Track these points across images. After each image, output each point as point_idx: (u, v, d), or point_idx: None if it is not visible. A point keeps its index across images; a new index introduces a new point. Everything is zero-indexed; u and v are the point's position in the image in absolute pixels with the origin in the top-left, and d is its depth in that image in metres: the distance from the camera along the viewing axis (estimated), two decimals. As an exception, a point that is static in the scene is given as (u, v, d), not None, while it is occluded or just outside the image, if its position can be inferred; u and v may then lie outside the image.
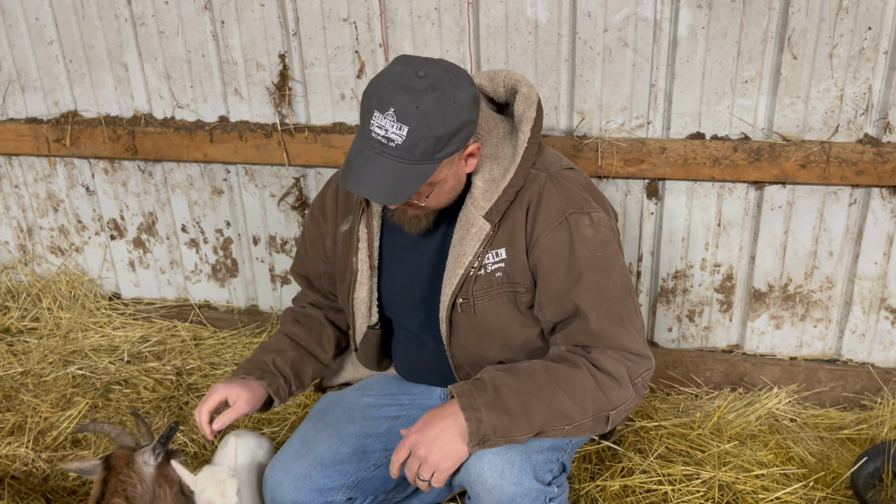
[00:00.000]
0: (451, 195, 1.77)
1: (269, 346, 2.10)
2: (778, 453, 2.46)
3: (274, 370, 2.00)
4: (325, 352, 2.16)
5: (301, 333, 2.13)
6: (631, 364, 1.74)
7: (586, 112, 2.57)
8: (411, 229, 1.81)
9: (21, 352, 3.20)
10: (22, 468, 2.54)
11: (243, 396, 1.88)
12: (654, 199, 2.64)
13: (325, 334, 2.16)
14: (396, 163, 1.57)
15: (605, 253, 1.74)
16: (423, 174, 1.59)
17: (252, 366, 2.01)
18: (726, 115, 2.45)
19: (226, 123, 2.95)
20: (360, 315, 2.00)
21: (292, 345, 2.10)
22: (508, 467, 1.72)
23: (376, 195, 1.61)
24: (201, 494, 1.79)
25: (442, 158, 1.60)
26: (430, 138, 1.56)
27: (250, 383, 1.94)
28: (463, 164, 1.72)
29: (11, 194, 3.40)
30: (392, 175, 1.58)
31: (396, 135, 1.55)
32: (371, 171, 1.59)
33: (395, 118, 1.54)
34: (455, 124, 1.58)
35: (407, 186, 1.59)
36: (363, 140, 1.61)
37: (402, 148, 1.56)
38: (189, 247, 3.29)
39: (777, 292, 2.66)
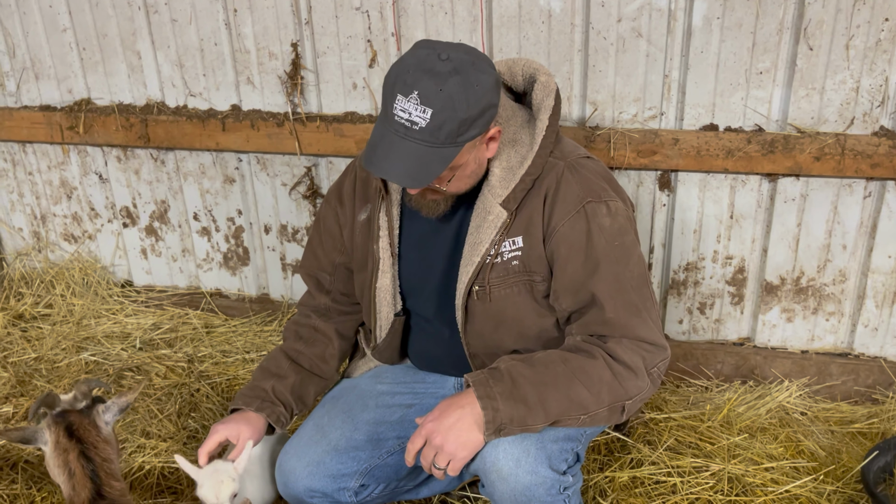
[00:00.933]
0: (472, 180, 1.76)
1: (268, 369, 2.05)
2: (788, 446, 2.46)
3: (273, 398, 1.98)
4: (328, 367, 2.13)
5: (304, 350, 2.10)
6: (647, 354, 1.74)
7: (599, 103, 2.56)
8: (429, 214, 1.80)
9: (35, 338, 3.23)
10: (35, 453, 2.56)
11: (245, 433, 1.88)
12: (667, 191, 2.63)
13: (329, 350, 2.12)
14: (420, 146, 1.57)
15: (622, 242, 1.74)
16: (447, 157, 1.59)
17: (252, 394, 1.98)
18: (740, 106, 2.44)
19: (238, 112, 2.95)
20: (385, 304, 1.98)
21: (293, 367, 2.06)
22: (524, 456, 1.73)
23: (400, 178, 1.60)
24: (199, 489, 1.79)
25: (465, 142, 1.60)
26: (454, 121, 1.56)
27: (249, 416, 1.93)
28: (484, 148, 1.72)
29: (25, 181, 3.42)
30: (416, 159, 1.58)
31: (420, 118, 1.55)
32: (395, 154, 1.58)
33: (418, 101, 1.54)
34: (478, 107, 1.58)
35: (431, 170, 1.59)
36: (385, 124, 1.60)
37: (426, 131, 1.56)
38: (201, 235, 3.30)
39: (789, 285, 2.65)
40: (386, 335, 2.04)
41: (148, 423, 2.67)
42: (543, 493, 1.75)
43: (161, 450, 2.54)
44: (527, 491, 1.74)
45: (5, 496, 2.37)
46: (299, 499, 2.00)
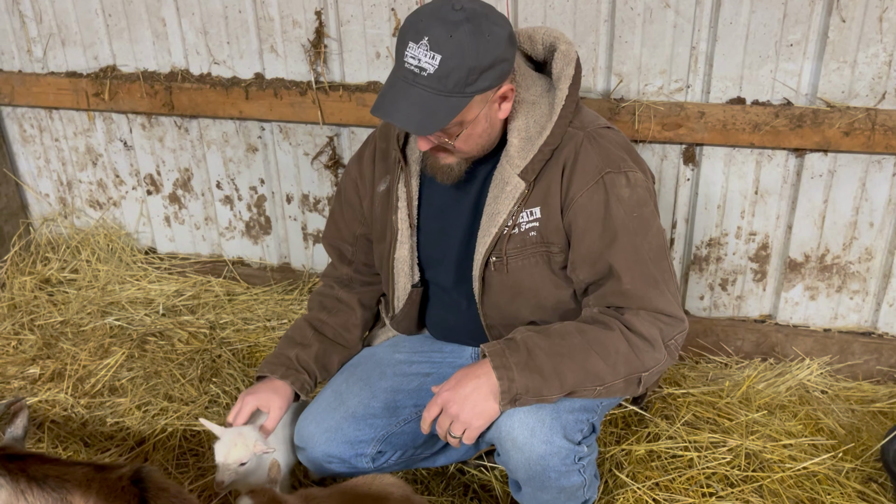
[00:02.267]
0: (484, 142, 1.75)
1: (293, 338, 2.10)
2: (807, 424, 2.44)
3: (297, 366, 2.03)
4: (352, 336, 2.17)
5: (327, 320, 2.13)
6: (664, 326, 1.73)
7: (624, 74, 2.53)
8: (443, 179, 1.80)
9: (61, 302, 3.29)
10: (62, 413, 2.62)
11: (274, 402, 1.94)
12: (691, 165, 2.60)
13: (352, 319, 2.16)
14: (428, 93, 1.57)
15: (641, 214, 1.72)
16: (454, 107, 1.59)
17: (276, 362, 2.03)
18: (769, 79, 2.39)
19: (261, 80, 2.96)
20: (403, 274, 1.99)
21: (317, 336, 2.11)
22: (539, 426, 1.73)
23: (406, 124, 1.60)
24: (216, 447, 1.84)
25: (474, 93, 1.60)
26: (462, 69, 1.55)
27: (275, 385, 1.98)
28: (496, 108, 1.70)
29: (52, 148, 3.46)
30: (423, 105, 1.58)
31: (429, 64, 1.55)
32: (402, 101, 1.59)
33: (428, 47, 1.54)
34: (489, 58, 1.57)
35: (437, 118, 1.59)
36: (396, 71, 1.61)
37: (434, 77, 1.56)
38: (223, 203, 3.32)
39: (813, 263, 2.62)
40: (403, 306, 2.06)
41: (171, 387, 2.72)
42: (558, 463, 1.76)
43: (183, 413, 2.59)
44: (541, 460, 1.75)
45: (32, 454, 2.43)
46: (318, 464, 2.03)
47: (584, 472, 1.85)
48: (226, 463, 1.80)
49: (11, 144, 3.50)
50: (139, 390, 2.70)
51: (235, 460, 1.81)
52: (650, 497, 2.19)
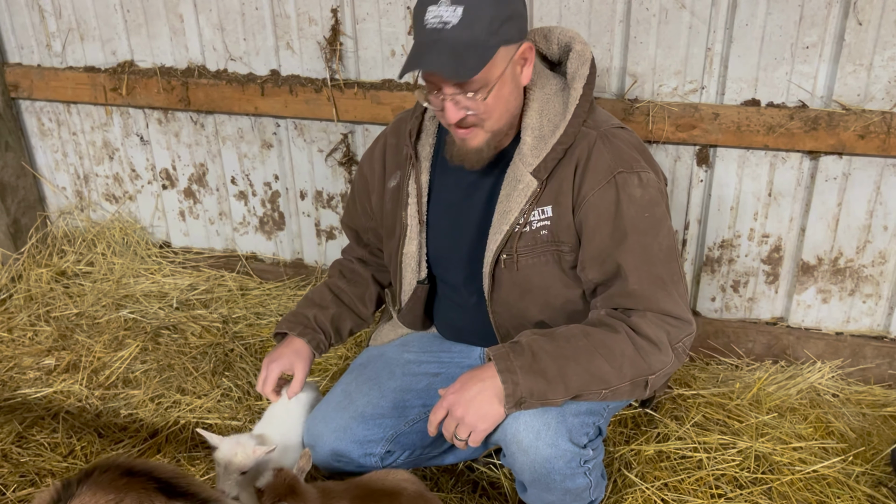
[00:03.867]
0: (510, 108, 1.73)
1: (312, 299, 2.18)
2: (818, 427, 2.44)
3: (315, 325, 2.10)
4: (366, 308, 2.24)
5: (346, 288, 2.21)
6: (671, 328, 1.73)
7: (639, 75, 2.53)
8: (473, 165, 1.78)
9: (76, 294, 3.32)
10: (76, 404, 2.65)
11: (298, 365, 2.04)
12: (704, 167, 2.60)
13: (368, 293, 2.23)
14: (456, 42, 1.58)
15: (652, 214, 1.72)
16: (483, 55, 1.60)
17: (295, 320, 2.11)
18: (784, 81, 2.39)
19: (277, 77, 2.98)
20: (410, 270, 2.01)
21: (334, 300, 2.18)
22: (544, 429, 1.74)
23: (441, 68, 1.59)
24: (216, 454, 1.85)
25: (499, 43, 1.61)
26: (485, 17, 1.58)
27: (295, 345, 2.06)
28: (518, 70, 1.71)
29: (69, 141, 3.50)
30: (452, 52, 1.59)
31: (452, 16, 1.57)
32: (432, 53, 1.60)
33: (449, 2, 1.58)
34: (507, 10, 1.61)
35: (469, 64, 1.59)
36: (419, 37, 1.64)
37: (459, 27, 1.58)
38: (238, 199, 3.35)
39: (826, 266, 2.61)
40: (408, 301, 2.08)
41: (183, 381, 2.74)
42: (563, 466, 1.77)
43: (196, 406, 2.61)
44: (546, 463, 1.75)
45: (46, 444, 2.46)
46: (327, 462, 2.04)
47: (589, 474, 1.85)
48: (227, 473, 1.82)
49: (30, 138, 3.54)
50: (153, 383, 2.73)
51: (236, 470, 1.82)
52: (659, 497, 2.19)
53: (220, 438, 1.88)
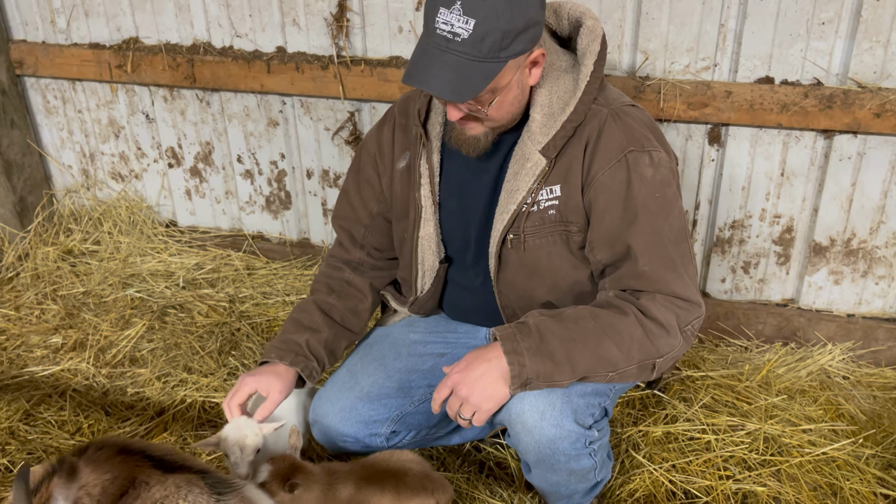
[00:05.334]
0: (515, 109, 1.71)
1: (301, 321, 1.99)
2: (828, 409, 2.42)
3: (307, 353, 1.94)
4: (359, 322, 2.08)
5: (336, 304, 2.04)
6: (680, 311, 1.70)
7: (650, 52, 2.48)
8: (469, 151, 1.76)
9: (83, 273, 3.32)
10: (83, 382, 2.66)
11: (275, 386, 1.85)
12: (716, 146, 2.56)
13: (362, 305, 2.08)
14: (462, 59, 1.53)
15: (663, 194, 1.69)
16: (489, 73, 1.55)
17: (285, 347, 1.93)
18: (799, 58, 2.34)
19: (283, 54, 2.94)
20: (429, 252, 1.95)
21: (326, 321, 2.01)
22: (549, 409, 1.72)
23: (441, 91, 1.56)
24: (222, 443, 1.80)
25: (508, 58, 1.56)
26: (497, 32, 1.52)
27: (278, 369, 1.89)
28: (527, 73, 1.67)
29: (75, 119, 3.48)
30: (457, 71, 1.54)
31: (463, 29, 1.51)
32: (436, 68, 1.55)
33: (461, 11, 1.50)
34: (522, 21, 1.54)
35: (472, 84, 1.55)
36: (427, 39, 1.57)
37: (468, 43, 1.52)
38: (244, 178, 3.33)
39: (839, 247, 2.58)
40: (430, 285, 2.01)
41: (190, 360, 2.74)
42: (568, 447, 1.75)
43: (202, 385, 2.61)
44: (551, 444, 1.74)
45: (54, 422, 2.47)
46: (332, 442, 2.04)
47: (594, 455, 1.84)
48: (244, 456, 1.77)
49: (35, 115, 3.52)
50: (159, 361, 2.73)
51: (252, 450, 1.77)
52: (666, 478, 2.18)
53: (218, 435, 1.81)
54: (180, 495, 1.39)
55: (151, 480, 1.43)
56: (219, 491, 1.42)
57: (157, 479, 1.43)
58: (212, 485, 1.43)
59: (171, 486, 1.40)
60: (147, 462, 1.46)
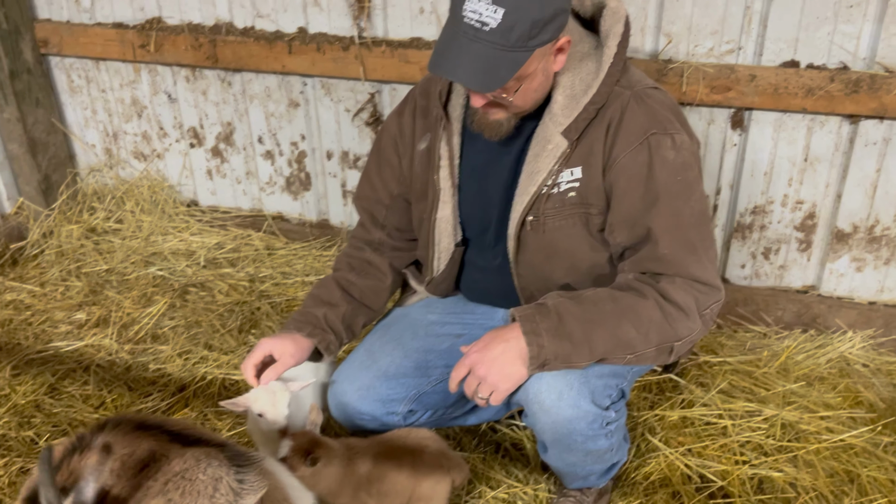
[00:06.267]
0: (538, 95, 1.71)
1: (320, 296, 2.01)
2: (846, 397, 2.41)
3: (325, 326, 1.96)
4: (379, 300, 2.10)
5: (356, 281, 2.05)
6: (700, 295, 1.70)
7: (674, 34, 2.46)
8: (492, 136, 1.76)
9: (106, 251, 3.37)
10: (106, 357, 2.70)
11: (288, 350, 1.86)
12: (739, 130, 2.54)
13: (381, 284, 2.09)
14: (490, 49, 1.53)
15: (685, 178, 1.68)
16: (517, 62, 1.55)
17: (304, 320, 1.95)
18: (825, 42, 2.31)
19: (304, 35, 2.95)
20: (445, 234, 1.96)
21: (345, 297, 2.02)
22: (567, 390, 1.73)
23: (469, 81, 1.56)
24: (254, 405, 1.82)
25: (536, 47, 1.55)
26: (526, 22, 1.51)
27: (296, 338, 1.91)
28: (552, 59, 1.66)
29: (99, 99, 3.51)
30: (485, 62, 1.53)
31: (492, 18, 1.50)
32: (464, 57, 1.54)
33: (490, 1, 1.50)
34: (551, 9, 1.53)
35: (500, 74, 1.54)
36: (454, 27, 1.56)
37: (497, 32, 1.51)
38: (265, 158, 3.35)
39: (862, 233, 2.55)
40: (445, 266, 2.03)
41: (210, 337, 2.78)
42: (585, 427, 1.76)
43: (223, 362, 2.65)
44: (568, 424, 1.75)
45: (78, 396, 2.52)
46: (350, 420, 2.06)
47: (611, 436, 1.84)
48: (277, 412, 1.80)
49: (59, 94, 3.56)
50: (180, 339, 2.77)
51: (285, 405, 1.80)
52: (682, 462, 2.19)
53: (245, 397, 1.84)
54: (200, 468, 1.40)
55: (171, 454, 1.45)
56: (238, 463, 1.44)
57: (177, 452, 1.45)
58: (231, 457, 1.45)
59: (190, 459, 1.42)
60: (165, 436, 1.48)
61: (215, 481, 1.38)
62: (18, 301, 3.05)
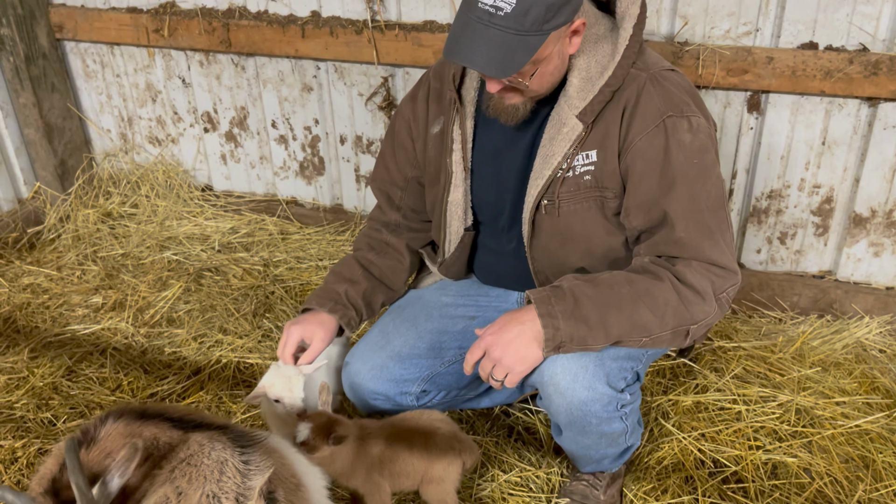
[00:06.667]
0: (554, 79, 1.70)
1: (341, 273, 2.06)
2: (862, 382, 2.39)
3: (346, 302, 2.00)
4: (397, 279, 2.14)
5: (375, 260, 2.10)
6: (716, 278, 1.69)
7: (690, 16, 2.43)
8: (508, 120, 1.75)
9: (122, 235, 3.39)
10: (123, 341, 2.73)
11: (318, 334, 1.92)
12: (755, 114, 2.51)
13: (400, 264, 2.13)
14: (505, 34, 1.52)
15: (701, 161, 1.67)
16: (532, 46, 1.54)
17: (325, 296, 2.00)
18: (844, 23, 2.28)
19: (317, 19, 2.94)
20: (456, 218, 1.97)
21: (365, 274, 2.07)
22: (582, 372, 1.73)
23: (485, 67, 1.55)
24: (270, 390, 1.84)
25: (551, 30, 1.54)
26: (541, 5, 1.50)
27: (321, 317, 1.95)
28: (567, 42, 1.65)
29: (113, 83, 3.52)
30: (500, 46, 1.53)
31: (506, 3, 1.50)
32: (479, 42, 1.53)
33: None
34: None
35: (516, 59, 1.54)
36: (468, 12, 1.55)
37: (511, 17, 1.51)
38: (278, 143, 3.35)
39: (880, 218, 2.52)
40: (455, 250, 2.04)
41: (225, 321, 2.79)
42: (600, 409, 1.76)
43: (237, 346, 2.66)
44: (583, 406, 1.75)
45: (95, 378, 2.54)
46: (364, 400, 2.07)
47: (626, 419, 1.85)
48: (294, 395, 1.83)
49: (75, 79, 3.57)
50: (195, 322, 2.79)
51: (301, 388, 1.83)
52: (695, 447, 2.18)
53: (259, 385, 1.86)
54: (204, 453, 1.41)
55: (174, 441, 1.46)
56: (241, 444, 1.45)
57: (180, 438, 1.46)
58: (234, 438, 1.46)
59: (193, 444, 1.43)
60: (167, 423, 1.49)
61: (220, 464, 1.39)
62: (36, 285, 3.08)
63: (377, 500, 1.88)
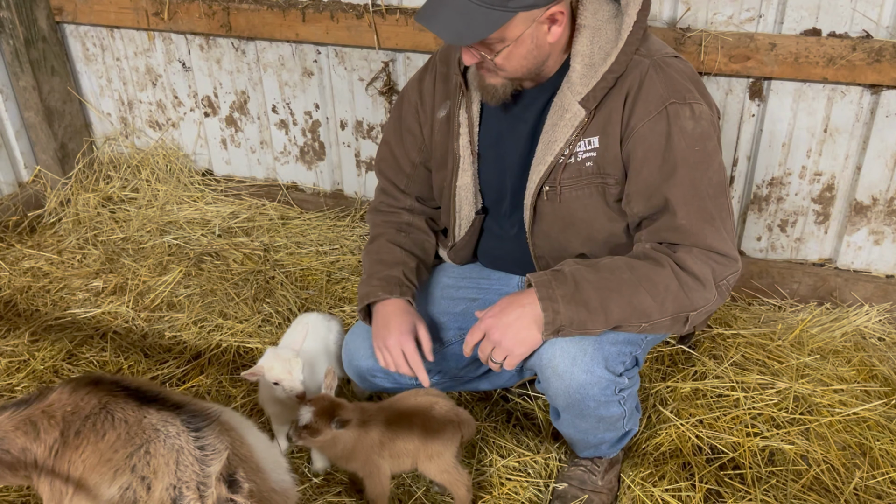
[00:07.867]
0: (529, 64, 1.69)
1: (387, 260, 2.02)
2: (861, 370, 2.40)
3: (407, 282, 1.98)
4: (430, 256, 2.13)
5: (408, 242, 2.08)
6: (717, 265, 1.69)
7: (692, 2, 2.42)
8: (489, 100, 1.76)
9: (122, 219, 3.39)
10: (123, 325, 2.73)
11: (421, 328, 1.89)
12: (757, 100, 2.50)
13: (428, 242, 2.12)
14: (469, 3, 1.54)
15: (703, 148, 1.67)
16: (495, 21, 1.55)
17: (391, 283, 1.95)
18: (848, 9, 2.26)
19: (318, 3, 2.92)
20: (466, 202, 1.96)
21: (408, 255, 2.05)
22: (580, 355, 1.74)
23: (440, 31, 1.58)
24: (269, 373, 1.86)
25: (518, 9, 1.55)
26: None
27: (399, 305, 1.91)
28: (545, 30, 1.64)
29: (113, 67, 3.51)
30: (462, 15, 1.55)
31: None
32: (444, 9, 1.56)
33: None
34: None
35: (473, 29, 1.55)
36: None
37: None
38: (279, 128, 3.34)
39: (881, 206, 2.52)
40: (465, 233, 2.03)
41: (225, 306, 2.80)
42: (598, 393, 1.77)
43: (237, 330, 2.67)
44: (581, 389, 1.76)
45: (95, 362, 2.55)
46: (364, 377, 2.08)
47: (624, 403, 1.85)
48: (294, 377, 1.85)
49: (75, 63, 3.56)
50: (196, 307, 2.79)
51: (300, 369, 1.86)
52: (693, 434, 2.19)
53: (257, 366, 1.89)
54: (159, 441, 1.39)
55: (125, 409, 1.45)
56: (196, 427, 1.42)
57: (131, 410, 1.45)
58: (187, 421, 1.43)
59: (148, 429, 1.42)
60: (121, 392, 1.48)
61: (176, 453, 1.38)
62: (36, 268, 3.08)
63: (376, 482, 1.89)
